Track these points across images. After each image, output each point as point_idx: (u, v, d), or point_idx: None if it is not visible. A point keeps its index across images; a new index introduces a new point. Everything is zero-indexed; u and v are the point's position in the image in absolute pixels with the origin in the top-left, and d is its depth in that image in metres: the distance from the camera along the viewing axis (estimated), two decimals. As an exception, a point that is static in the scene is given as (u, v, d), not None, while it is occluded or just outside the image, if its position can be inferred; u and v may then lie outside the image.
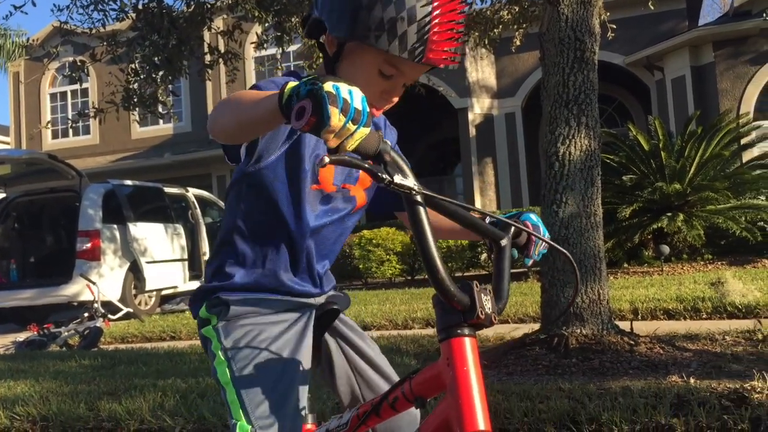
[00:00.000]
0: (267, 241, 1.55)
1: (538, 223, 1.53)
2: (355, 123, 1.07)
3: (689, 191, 9.95)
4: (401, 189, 1.16)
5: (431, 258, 1.17)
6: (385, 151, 1.17)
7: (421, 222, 1.19)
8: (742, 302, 5.91)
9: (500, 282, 1.37)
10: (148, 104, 6.80)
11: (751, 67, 14.04)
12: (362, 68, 1.43)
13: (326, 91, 1.05)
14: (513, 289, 8.74)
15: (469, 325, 1.20)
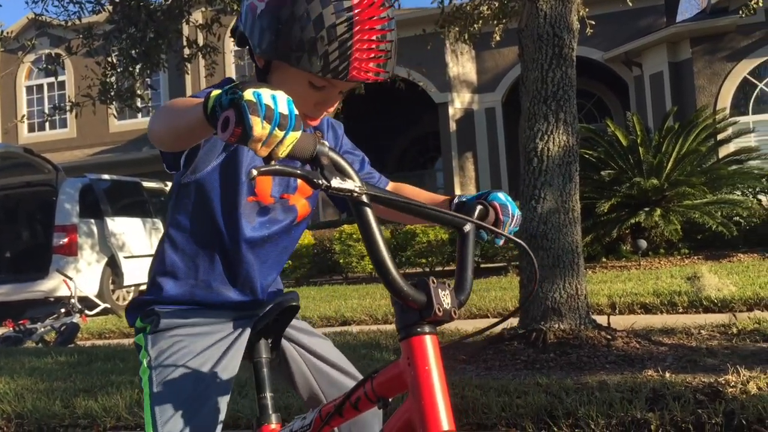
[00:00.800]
0: (201, 253, 1.53)
1: (507, 202, 1.49)
2: (282, 128, 1.02)
3: (666, 186, 10.04)
4: (341, 192, 1.12)
5: (381, 260, 1.14)
6: (323, 153, 1.12)
7: (367, 223, 1.15)
8: (717, 296, 5.98)
9: (463, 271, 1.32)
10: (126, 98, 6.72)
11: (728, 63, 14.19)
12: (292, 82, 1.37)
13: (246, 99, 1.01)
14: (493, 283, 8.78)
15: (428, 322, 1.17)
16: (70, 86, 19.92)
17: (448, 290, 1.20)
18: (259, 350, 1.53)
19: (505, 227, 1.47)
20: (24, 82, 21.55)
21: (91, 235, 10.04)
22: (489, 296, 7.34)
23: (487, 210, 1.47)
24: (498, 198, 1.49)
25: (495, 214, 1.46)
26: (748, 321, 4.84)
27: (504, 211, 1.47)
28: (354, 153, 1.69)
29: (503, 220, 1.46)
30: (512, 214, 1.47)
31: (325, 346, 1.68)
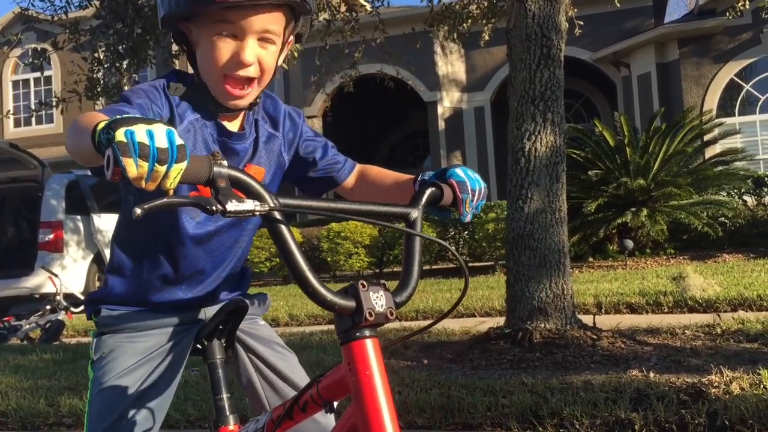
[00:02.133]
0: (146, 251, 1.53)
1: (464, 178, 1.43)
2: (162, 163, 1.00)
3: (653, 187, 10.11)
4: (240, 215, 1.09)
5: (300, 272, 1.14)
6: (220, 175, 1.09)
7: (280, 238, 1.15)
8: (702, 297, 6.02)
9: (408, 267, 1.29)
10: (113, 94, 6.68)
11: (715, 64, 14.29)
12: (206, 43, 1.41)
13: (117, 141, 0.99)
14: (480, 282, 8.80)
15: (366, 326, 1.14)
16: (56, 81, 19.78)
17: (381, 291, 1.17)
18: (213, 351, 1.52)
19: (466, 204, 1.42)
20: (10, 76, 21.39)
21: (77, 231, 9.98)
22: (476, 295, 7.36)
23: (441, 190, 1.41)
24: (455, 174, 1.43)
25: (453, 193, 1.42)
26: (732, 321, 4.88)
27: (461, 188, 1.42)
28: (315, 140, 1.68)
29: (461, 198, 1.42)
30: (472, 190, 1.42)
31: (279, 357, 1.67)
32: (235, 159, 1.52)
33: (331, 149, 1.70)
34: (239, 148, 1.53)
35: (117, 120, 1.03)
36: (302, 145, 1.66)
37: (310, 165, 1.67)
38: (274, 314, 7.22)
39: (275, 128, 1.60)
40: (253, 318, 1.70)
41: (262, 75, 1.45)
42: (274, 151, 1.59)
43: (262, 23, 1.39)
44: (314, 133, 1.70)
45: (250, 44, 1.40)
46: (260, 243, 11.89)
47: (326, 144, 1.70)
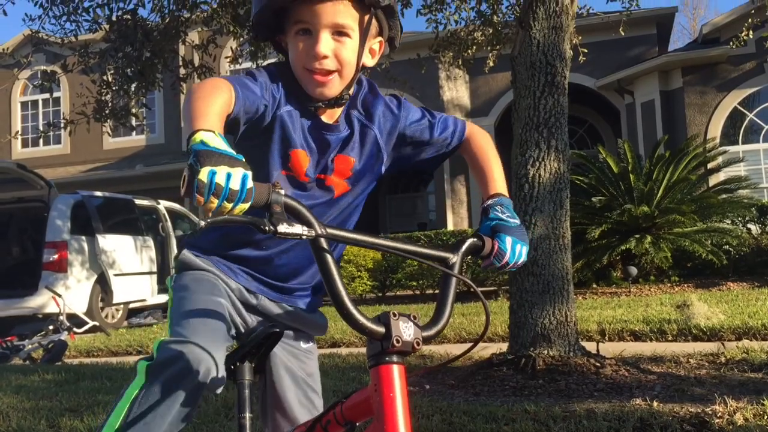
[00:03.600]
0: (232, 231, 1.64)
1: (507, 250, 1.53)
2: (230, 201, 1.14)
3: (657, 214, 10.10)
4: (288, 237, 1.21)
5: (339, 296, 1.24)
6: (276, 201, 1.22)
7: (323, 263, 1.26)
8: (706, 325, 6.00)
9: (441, 306, 1.38)
10: (120, 116, 6.74)
11: (719, 93, 14.35)
12: (290, 45, 1.56)
13: (198, 179, 1.12)
14: (482, 308, 8.75)
15: (395, 353, 1.23)
16: (65, 102, 19.93)
17: (410, 322, 1.26)
18: (243, 373, 1.61)
19: (491, 266, 1.55)
20: (19, 97, 21.55)
21: (81, 251, 10.00)
22: (479, 320, 7.34)
23: (483, 242, 1.52)
24: (502, 242, 1.54)
25: (491, 249, 1.53)
26: (737, 350, 4.86)
27: (498, 255, 1.53)
28: (420, 123, 1.77)
29: (491, 261, 1.54)
30: (507, 262, 1.54)
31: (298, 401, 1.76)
32: (327, 149, 1.65)
33: (438, 127, 1.78)
34: (332, 139, 1.65)
35: (205, 153, 1.16)
36: (408, 131, 1.75)
37: (422, 146, 1.77)
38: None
39: (370, 120, 1.69)
40: (307, 338, 1.81)
41: (341, 68, 1.56)
42: (367, 142, 1.69)
43: (329, 16, 1.51)
44: (421, 114, 1.78)
45: (323, 38, 1.52)
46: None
47: (433, 124, 1.78)
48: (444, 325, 1.35)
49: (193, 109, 1.32)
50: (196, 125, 1.26)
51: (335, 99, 1.61)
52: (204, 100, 1.35)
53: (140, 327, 9.90)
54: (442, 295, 1.39)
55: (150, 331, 9.04)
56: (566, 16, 4.64)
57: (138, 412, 1.45)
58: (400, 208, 19.96)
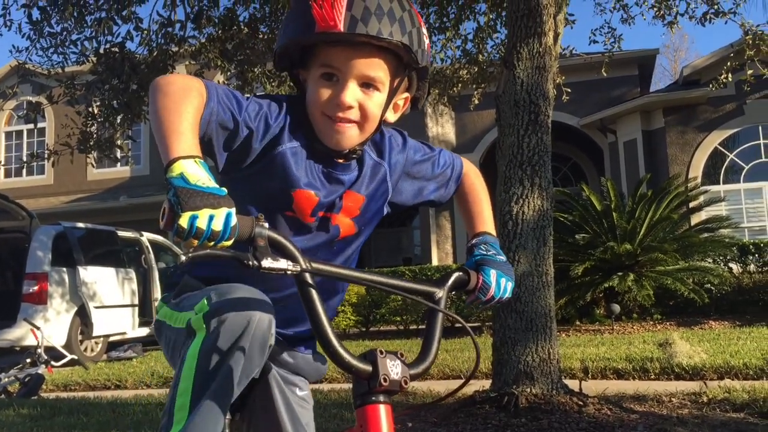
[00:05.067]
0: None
1: (491, 284, 1.52)
2: (211, 240, 1.12)
3: (639, 252, 10.16)
4: (273, 271, 1.18)
5: (324, 333, 1.21)
6: (260, 235, 1.20)
7: (308, 299, 1.23)
8: (689, 364, 6.01)
9: (428, 340, 1.35)
10: (105, 148, 6.73)
11: (700, 133, 14.57)
12: (311, 85, 1.48)
13: (178, 224, 1.11)
14: (467, 343, 8.72)
15: (380, 392, 1.20)
16: (49, 133, 19.88)
17: (397, 360, 1.23)
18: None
19: (476, 302, 1.53)
20: (3, 127, 21.48)
21: (62, 283, 9.88)
22: (462, 357, 7.30)
23: (468, 276, 1.51)
24: (487, 275, 1.53)
25: (476, 283, 1.51)
26: (719, 390, 4.86)
27: (483, 289, 1.52)
28: (423, 156, 1.71)
29: (476, 296, 1.52)
30: (492, 296, 1.52)
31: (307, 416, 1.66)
32: (339, 187, 1.56)
33: (439, 161, 1.73)
34: (344, 178, 1.56)
35: (186, 193, 1.13)
36: (413, 166, 1.70)
37: (424, 182, 1.72)
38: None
39: (380, 156, 1.63)
40: (304, 384, 1.68)
41: (364, 122, 1.48)
42: (377, 179, 1.62)
43: (362, 68, 1.43)
44: (423, 148, 1.73)
45: (350, 87, 1.44)
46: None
47: (434, 158, 1.73)
48: (431, 362, 1.33)
49: (165, 122, 1.25)
50: (172, 150, 1.20)
51: (348, 152, 1.53)
52: (176, 111, 1.27)
53: (120, 360, 9.76)
54: (428, 331, 1.37)
55: (129, 364, 8.91)
56: (549, 57, 4.72)
57: (210, 365, 1.33)
58: (385, 243, 19.96)
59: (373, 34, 1.38)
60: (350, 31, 1.36)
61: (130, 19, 6.12)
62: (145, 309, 11.43)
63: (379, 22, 1.38)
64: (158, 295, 11.60)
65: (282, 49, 1.48)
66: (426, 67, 1.51)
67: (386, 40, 1.38)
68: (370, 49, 1.41)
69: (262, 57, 6.83)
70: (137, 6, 6.23)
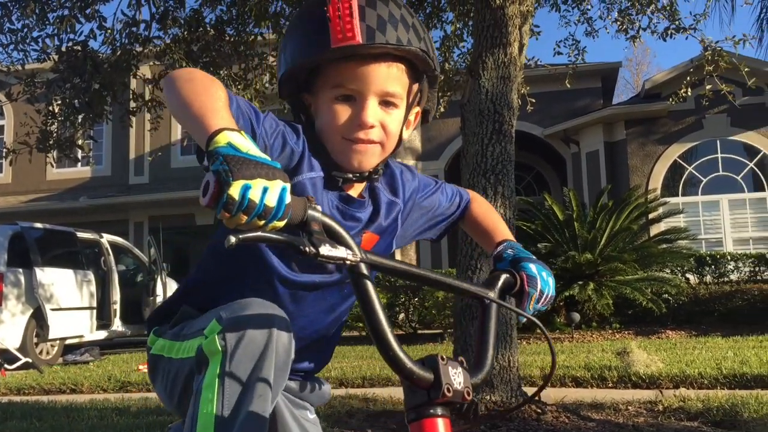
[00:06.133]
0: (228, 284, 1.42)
1: (536, 274, 1.42)
2: (262, 219, 0.98)
3: (600, 261, 10.32)
4: (332, 261, 1.04)
5: (382, 333, 1.06)
6: (314, 219, 1.05)
7: (365, 293, 1.08)
8: (645, 372, 6.10)
9: (482, 345, 1.23)
10: (65, 147, 6.61)
11: (660, 146, 14.85)
12: (325, 107, 1.38)
13: (229, 194, 0.97)
14: (428, 350, 8.75)
15: (440, 404, 1.07)
16: (8, 131, 19.46)
17: (460, 368, 1.10)
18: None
19: (531, 300, 1.41)
20: (-40, 124, 20.97)
21: (17, 284, 9.66)
22: (424, 364, 7.31)
23: (515, 279, 1.40)
24: (528, 269, 1.43)
25: (521, 284, 1.41)
26: (674, 398, 4.94)
27: (531, 282, 1.42)
28: (431, 198, 1.64)
29: (528, 291, 1.41)
30: (540, 290, 1.42)
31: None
32: (354, 224, 1.45)
33: (445, 193, 1.67)
34: (360, 216, 1.46)
35: (237, 161, 0.99)
36: (425, 201, 1.62)
37: (433, 216, 1.65)
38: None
39: (395, 194, 1.54)
40: (304, 406, 1.57)
41: (385, 140, 1.40)
42: (390, 217, 1.52)
43: (380, 83, 1.35)
44: (431, 184, 1.66)
45: (370, 105, 1.36)
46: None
47: (442, 190, 1.66)
48: (490, 369, 1.22)
49: (195, 102, 1.14)
50: (211, 125, 1.08)
51: (370, 173, 1.43)
52: (206, 93, 1.16)
53: (76, 364, 9.57)
54: (483, 335, 1.25)
55: (86, 368, 8.74)
56: (514, 67, 4.77)
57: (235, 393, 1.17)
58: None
59: (393, 42, 1.31)
60: (369, 42, 1.29)
61: (94, 17, 6.03)
62: (104, 312, 11.24)
63: (396, 30, 1.32)
64: (117, 298, 11.43)
65: (287, 75, 1.38)
66: (438, 75, 1.46)
67: (406, 48, 1.33)
68: (388, 61, 1.34)
69: (228, 59, 6.79)
70: (101, 4, 6.15)
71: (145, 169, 19.34)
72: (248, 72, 7.05)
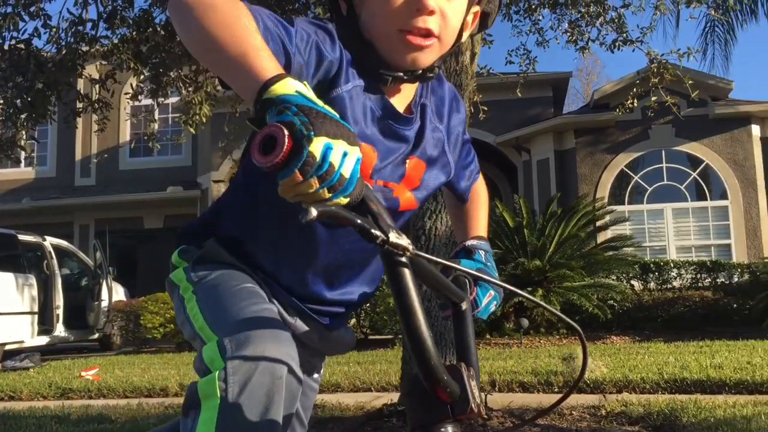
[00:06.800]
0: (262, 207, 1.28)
1: (481, 305, 1.40)
2: (332, 192, 0.84)
3: (548, 268, 10.48)
4: (396, 249, 0.90)
5: (421, 337, 0.93)
6: (369, 199, 0.91)
7: (406, 289, 0.93)
8: (590, 378, 6.20)
9: (466, 353, 1.15)
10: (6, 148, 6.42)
11: (608, 155, 15.17)
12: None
13: (310, 151, 0.81)
14: (379, 356, 8.76)
15: (460, 420, 0.99)
16: (-52, 129, 18.82)
17: (475, 381, 1.02)
18: None
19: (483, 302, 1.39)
20: None
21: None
22: (374, 369, 7.31)
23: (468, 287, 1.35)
24: (484, 292, 1.41)
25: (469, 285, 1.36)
26: (617, 403, 5.04)
27: (474, 303, 1.39)
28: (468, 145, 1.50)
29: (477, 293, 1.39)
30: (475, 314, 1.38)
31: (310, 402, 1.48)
32: (398, 146, 1.29)
33: (470, 155, 1.53)
34: (406, 134, 1.29)
35: (319, 114, 0.83)
36: (463, 148, 1.47)
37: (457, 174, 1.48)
38: (163, 383, 6.91)
39: (440, 119, 1.38)
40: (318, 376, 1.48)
41: (444, 33, 1.24)
42: (438, 146, 1.36)
43: None
44: (467, 136, 1.52)
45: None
46: (155, 308, 11.47)
47: (469, 148, 1.52)
48: (478, 377, 1.13)
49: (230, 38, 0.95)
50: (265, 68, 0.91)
51: (424, 71, 1.26)
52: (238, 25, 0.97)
53: (15, 371, 9.28)
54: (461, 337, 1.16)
55: (26, 375, 8.49)
56: (466, 75, 4.81)
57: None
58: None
59: None
60: None
61: (38, 15, 5.87)
62: (46, 317, 10.95)
63: None
64: (60, 302, 11.14)
65: None
66: None
67: None
68: None
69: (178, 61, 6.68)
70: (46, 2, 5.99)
71: (92, 171, 18.92)
72: (199, 74, 6.95)
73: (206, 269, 1.27)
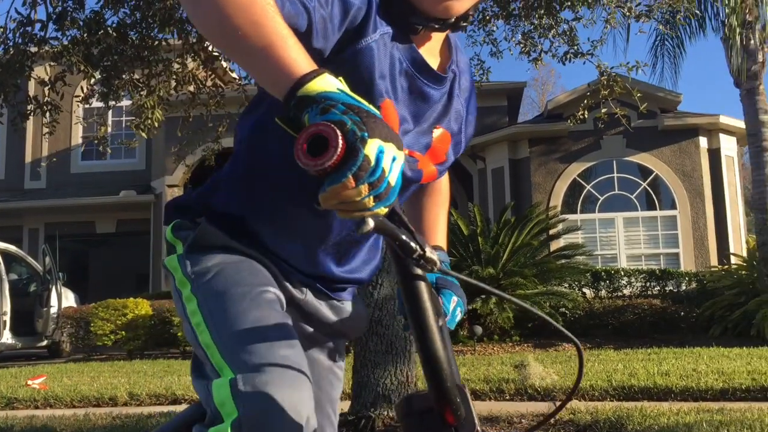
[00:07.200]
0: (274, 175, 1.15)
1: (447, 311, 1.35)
2: (377, 200, 0.77)
3: (502, 276, 10.60)
4: (428, 264, 0.85)
5: (438, 358, 0.88)
6: (399, 207, 0.86)
7: (422, 307, 0.88)
8: (541, 385, 6.28)
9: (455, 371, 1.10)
10: (-51, 150, 6.25)
11: (561, 164, 15.42)
12: None
13: (365, 154, 0.74)
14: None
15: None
16: None
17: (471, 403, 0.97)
18: None
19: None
20: None
21: None
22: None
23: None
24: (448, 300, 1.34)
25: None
26: (565, 411, 5.10)
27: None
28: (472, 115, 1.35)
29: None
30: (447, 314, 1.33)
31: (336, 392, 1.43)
32: (424, 110, 1.18)
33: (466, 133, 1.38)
34: (430, 94, 1.17)
35: (369, 114, 0.75)
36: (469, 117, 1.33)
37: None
38: (113, 392, 6.78)
39: (462, 91, 1.29)
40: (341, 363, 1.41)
41: None
42: (458, 121, 1.28)
43: None
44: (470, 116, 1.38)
45: None
46: (105, 314, 11.26)
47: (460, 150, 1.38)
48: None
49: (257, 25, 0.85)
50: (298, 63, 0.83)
51: (457, 19, 1.14)
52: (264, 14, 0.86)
53: (-43, 380, 9.00)
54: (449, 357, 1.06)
55: (-32, 384, 8.23)
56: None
57: None
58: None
59: None
60: None
61: (-15, 15, 5.74)
62: (-9, 323, 10.65)
63: None
64: (7, 309, 10.85)
65: None
66: None
67: None
68: None
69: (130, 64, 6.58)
70: (-7, 2, 5.86)
71: (42, 174, 18.49)
72: (152, 78, 6.86)
73: (202, 260, 1.16)
